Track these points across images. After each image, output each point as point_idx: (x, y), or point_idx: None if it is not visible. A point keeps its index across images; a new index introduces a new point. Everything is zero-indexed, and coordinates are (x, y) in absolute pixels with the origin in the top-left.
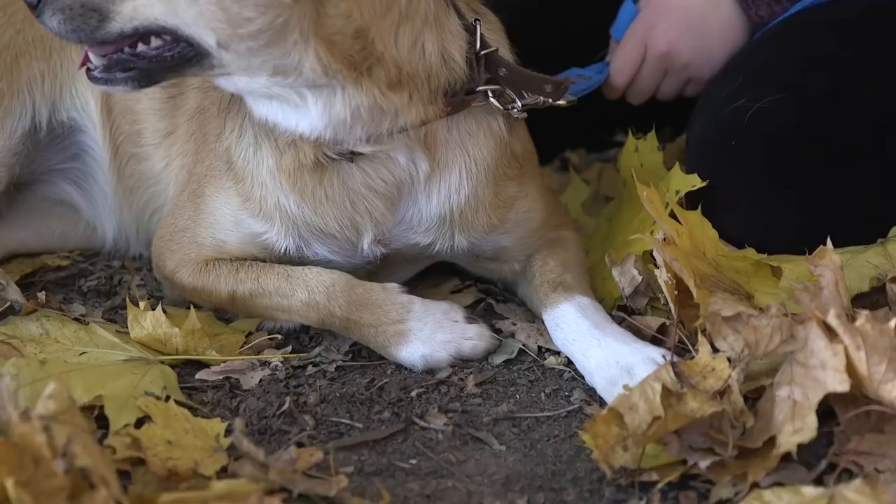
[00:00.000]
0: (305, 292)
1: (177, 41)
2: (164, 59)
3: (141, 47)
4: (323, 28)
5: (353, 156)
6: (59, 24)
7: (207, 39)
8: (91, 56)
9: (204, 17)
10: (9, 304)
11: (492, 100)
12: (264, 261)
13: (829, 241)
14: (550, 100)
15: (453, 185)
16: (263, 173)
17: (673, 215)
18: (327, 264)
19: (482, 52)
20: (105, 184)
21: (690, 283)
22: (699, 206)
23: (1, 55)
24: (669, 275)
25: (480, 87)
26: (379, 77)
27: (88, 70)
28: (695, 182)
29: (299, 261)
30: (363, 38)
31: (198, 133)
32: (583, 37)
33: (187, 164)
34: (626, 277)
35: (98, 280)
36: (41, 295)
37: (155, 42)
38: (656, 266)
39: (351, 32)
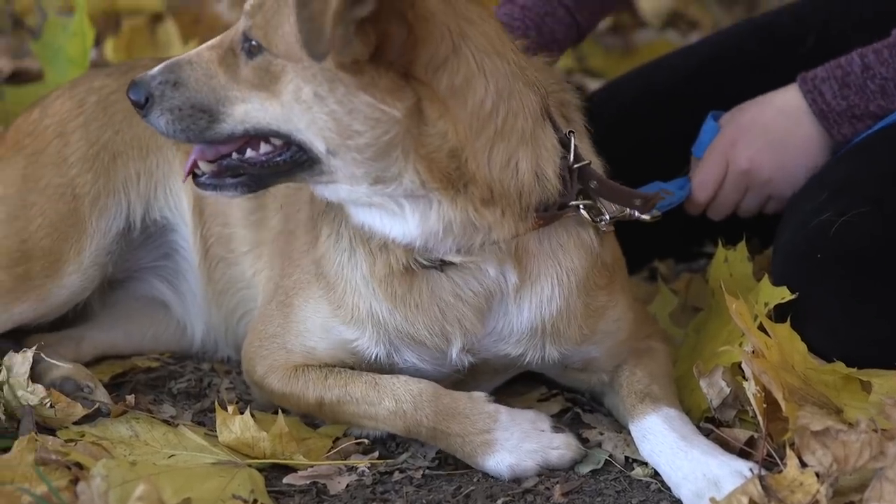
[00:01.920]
0: (393, 401)
1: (288, 146)
2: (276, 164)
3: (249, 153)
4: (423, 147)
5: (443, 265)
6: (167, 124)
7: (318, 146)
8: (200, 163)
9: (316, 124)
10: (97, 405)
11: (582, 212)
12: (353, 367)
13: None
14: (637, 213)
15: (545, 296)
16: (357, 279)
17: (762, 328)
18: (416, 372)
19: (575, 166)
20: (195, 283)
21: (779, 397)
22: (787, 319)
23: (99, 155)
24: (758, 387)
25: (573, 202)
26: (473, 194)
27: (195, 176)
28: (784, 294)
29: (389, 367)
30: (457, 158)
31: (284, 250)
32: (662, 149)
33: (273, 276)
34: (714, 389)
35: (188, 382)
36: (130, 398)
37: (264, 148)
38: (745, 378)
39: (446, 151)
